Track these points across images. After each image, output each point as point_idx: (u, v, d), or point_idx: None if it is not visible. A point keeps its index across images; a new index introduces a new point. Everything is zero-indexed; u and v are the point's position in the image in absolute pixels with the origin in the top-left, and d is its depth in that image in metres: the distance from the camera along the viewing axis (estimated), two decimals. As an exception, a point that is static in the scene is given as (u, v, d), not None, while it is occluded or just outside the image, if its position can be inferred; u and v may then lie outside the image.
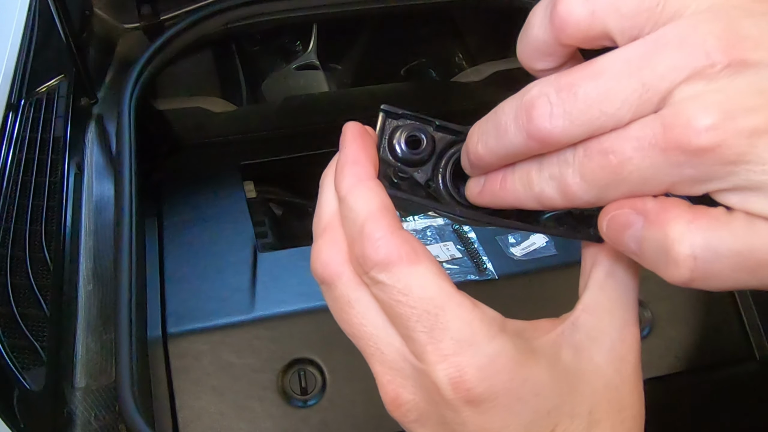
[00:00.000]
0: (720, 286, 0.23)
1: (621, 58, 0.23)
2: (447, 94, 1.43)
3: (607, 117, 0.22)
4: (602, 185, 0.23)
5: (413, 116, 0.31)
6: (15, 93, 0.92)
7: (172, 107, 1.26)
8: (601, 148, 0.23)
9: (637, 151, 0.22)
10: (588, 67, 0.23)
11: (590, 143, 0.23)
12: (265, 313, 0.87)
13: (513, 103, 0.25)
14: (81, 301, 0.75)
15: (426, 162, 0.31)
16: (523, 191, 0.26)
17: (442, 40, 1.70)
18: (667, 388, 0.92)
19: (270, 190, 1.22)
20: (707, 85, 0.21)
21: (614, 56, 0.23)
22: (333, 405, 0.83)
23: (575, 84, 0.23)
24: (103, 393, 0.69)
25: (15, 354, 0.66)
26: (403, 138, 0.30)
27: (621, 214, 0.24)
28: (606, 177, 0.23)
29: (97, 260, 0.79)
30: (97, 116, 0.97)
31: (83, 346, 0.72)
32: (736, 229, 0.22)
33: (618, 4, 0.23)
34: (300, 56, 1.57)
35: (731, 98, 0.21)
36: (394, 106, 0.31)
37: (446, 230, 1.00)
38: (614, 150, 0.22)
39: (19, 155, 0.85)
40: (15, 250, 0.75)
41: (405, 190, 0.31)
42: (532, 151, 0.24)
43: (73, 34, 0.91)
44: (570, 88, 0.23)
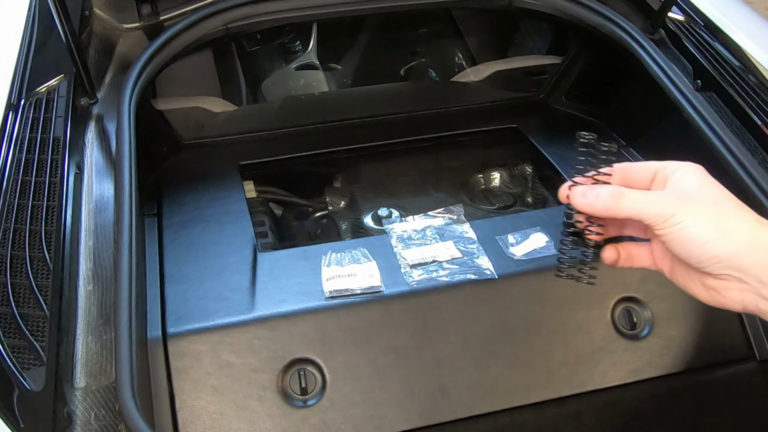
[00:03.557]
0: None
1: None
2: (447, 94, 1.43)
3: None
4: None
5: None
6: (15, 93, 0.92)
7: (172, 107, 1.26)
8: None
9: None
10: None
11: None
12: (265, 313, 0.87)
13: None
14: (81, 301, 0.75)
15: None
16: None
17: (442, 40, 1.70)
18: (667, 388, 0.92)
19: (270, 190, 1.22)
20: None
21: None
22: (333, 405, 0.83)
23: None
24: (103, 393, 0.69)
25: (15, 354, 0.66)
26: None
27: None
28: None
29: (97, 260, 0.79)
30: (97, 116, 0.97)
31: (83, 346, 0.72)
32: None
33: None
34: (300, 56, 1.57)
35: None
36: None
37: (446, 230, 1.00)
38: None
39: (19, 155, 0.85)
40: (15, 250, 0.75)
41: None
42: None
43: (73, 34, 0.90)
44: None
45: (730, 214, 0.51)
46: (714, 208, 0.51)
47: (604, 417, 0.90)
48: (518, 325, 0.90)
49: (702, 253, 0.51)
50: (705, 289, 0.54)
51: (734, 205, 0.52)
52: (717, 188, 0.53)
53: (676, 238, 0.51)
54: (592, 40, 1.25)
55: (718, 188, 0.53)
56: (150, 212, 1.05)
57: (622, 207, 0.53)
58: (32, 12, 1.04)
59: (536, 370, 0.89)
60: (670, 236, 0.52)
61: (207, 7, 1.12)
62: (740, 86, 1.01)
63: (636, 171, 0.56)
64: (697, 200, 0.52)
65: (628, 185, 0.55)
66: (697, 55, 1.09)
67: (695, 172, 0.54)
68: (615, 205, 0.53)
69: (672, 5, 1.14)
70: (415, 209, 1.12)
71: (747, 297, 0.51)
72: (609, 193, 0.54)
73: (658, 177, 0.55)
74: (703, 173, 0.54)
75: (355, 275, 0.91)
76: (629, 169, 0.56)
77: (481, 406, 0.87)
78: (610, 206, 0.53)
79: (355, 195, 1.21)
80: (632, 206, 0.53)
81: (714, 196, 0.52)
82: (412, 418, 0.85)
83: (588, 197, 0.55)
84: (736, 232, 0.50)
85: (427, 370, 0.87)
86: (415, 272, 0.92)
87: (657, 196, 0.53)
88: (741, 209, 0.52)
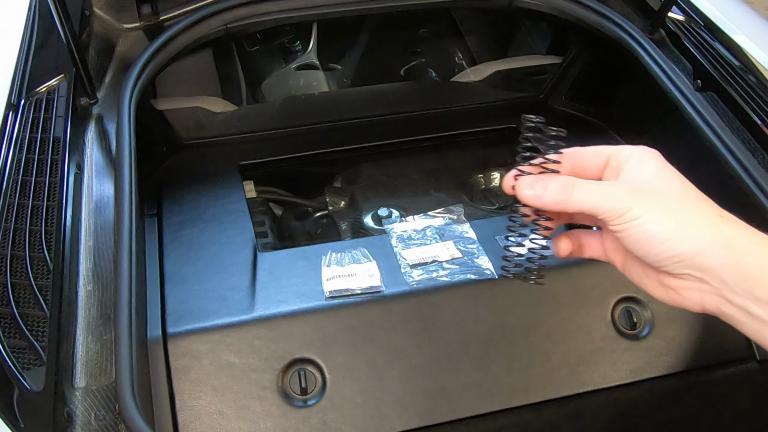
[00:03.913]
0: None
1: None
2: (447, 94, 1.43)
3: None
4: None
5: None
6: (15, 93, 0.92)
7: (172, 107, 1.26)
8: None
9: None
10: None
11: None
12: (265, 313, 0.87)
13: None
14: (81, 301, 0.75)
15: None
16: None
17: (442, 40, 1.70)
18: (667, 388, 0.92)
19: (270, 190, 1.22)
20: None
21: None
22: (333, 405, 0.83)
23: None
24: (103, 393, 0.69)
25: (15, 354, 0.66)
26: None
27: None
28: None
29: (97, 260, 0.79)
30: (97, 116, 0.97)
31: (83, 346, 0.72)
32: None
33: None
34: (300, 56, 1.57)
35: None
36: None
37: (446, 230, 1.00)
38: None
39: (19, 155, 0.85)
40: (15, 250, 0.75)
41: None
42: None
43: (73, 34, 0.90)
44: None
45: (691, 209, 0.47)
46: (674, 201, 0.47)
47: (604, 417, 0.90)
48: (518, 325, 0.90)
49: (661, 252, 0.47)
50: (662, 288, 0.50)
51: (696, 198, 0.48)
52: (676, 177, 0.49)
53: (633, 234, 0.47)
54: (592, 40, 1.25)
55: (678, 177, 0.49)
56: (150, 212, 1.05)
57: (573, 200, 0.48)
58: (32, 12, 1.04)
59: (536, 370, 0.89)
60: (625, 233, 0.47)
61: (207, 7, 1.12)
62: (740, 86, 1.01)
63: (587, 157, 0.51)
64: (654, 192, 0.47)
65: (579, 173, 0.51)
66: (697, 55, 1.09)
67: (652, 159, 0.49)
68: (566, 198, 0.48)
69: (672, 5, 1.14)
70: (415, 209, 1.12)
71: (707, 298, 0.47)
72: (559, 184, 0.49)
73: (611, 164, 0.50)
74: (660, 160, 0.49)
75: (355, 275, 0.91)
76: (580, 156, 0.51)
77: (481, 406, 0.87)
78: (560, 199, 0.49)
79: (355, 195, 1.21)
80: (585, 199, 0.48)
81: (674, 187, 0.48)
82: (412, 418, 0.85)
83: (536, 189, 0.50)
84: (699, 229, 0.46)
85: (427, 370, 0.87)
86: (415, 272, 0.92)
87: (612, 187, 0.48)
88: (703, 202, 0.48)
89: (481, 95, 1.42)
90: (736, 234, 0.46)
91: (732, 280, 0.45)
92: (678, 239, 0.46)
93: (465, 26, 1.69)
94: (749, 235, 0.46)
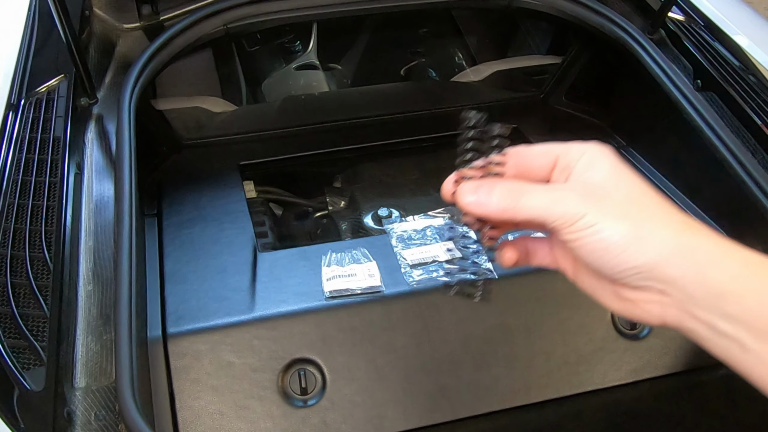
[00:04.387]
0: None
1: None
2: (447, 94, 1.43)
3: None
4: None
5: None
6: (15, 93, 0.92)
7: (172, 107, 1.26)
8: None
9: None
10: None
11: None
12: (265, 313, 0.87)
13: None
14: (81, 301, 0.75)
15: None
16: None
17: (442, 40, 1.70)
18: (667, 388, 0.92)
19: (270, 190, 1.22)
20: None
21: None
22: (333, 405, 0.83)
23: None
24: (103, 393, 0.69)
25: (15, 354, 0.66)
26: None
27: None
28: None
29: (97, 260, 0.79)
30: (97, 116, 0.97)
31: (83, 346, 0.72)
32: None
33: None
34: (300, 56, 1.57)
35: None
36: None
37: (446, 230, 1.00)
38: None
39: (19, 155, 0.85)
40: (15, 250, 0.75)
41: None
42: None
43: (73, 34, 0.90)
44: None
45: (651, 214, 0.42)
46: (631, 206, 0.42)
47: (604, 417, 0.90)
48: (518, 325, 0.90)
49: (618, 263, 0.42)
50: (618, 300, 0.46)
51: (656, 202, 0.43)
52: (632, 178, 0.44)
53: (587, 244, 0.42)
54: (592, 40, 1.25)
55: (634, 178, 0.44)
56: (150, 212, 1.05)
57: (521, 207, 0.44)
58: (32, 12, 1.04)
59: (536, 370, 0.89)
60: (579, 242, 0.42)
61: (207, 7, 1.12)
62: (740, 86, 1.01)
63: (534, 157, 0.46)
64: (609, 196, 0.42)
65: (525, 176, 0.46)
66: (697, 55, 1.09)
67: (604, 158, 0.44)
68: (513, 204, 0.44)
69: (672, 5, 1.14)
70: (415, 209, 1.12)
71: (669, 312, 0.43)
72: (505, 189, 0.44)
73: (560, 164, 0.45)
74: (614, 158, 0.44)
75: (355, 275, 0.91)
76: (525, 155, 0.46)
77: (481, 406, 0.87)
78: (506, 206, 0.44)
79: (355, 195, 1.21)
80: (534, 206, 0.43)
81: (630, 190, 0.43)
82: (412, 418, 0.85)
83: (479, 195, 0.45)
84: (659, 237, 0.41)
85: (427, 370, 0.87)
86: (415, 272, 0.92)
87: (563, 191, 0.43)
88: (663, 206, 0.43)
89: (481, 95, 1.42)
90: (702, 242, 0.41)
91: (698, 294, 0.41)
92: (637, 249, 0.41)
93: (465, 26, 1.69)
94: (716, 244, 0.42)
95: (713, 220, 1.01)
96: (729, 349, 0.41)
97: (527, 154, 0.46)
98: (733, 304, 0.40)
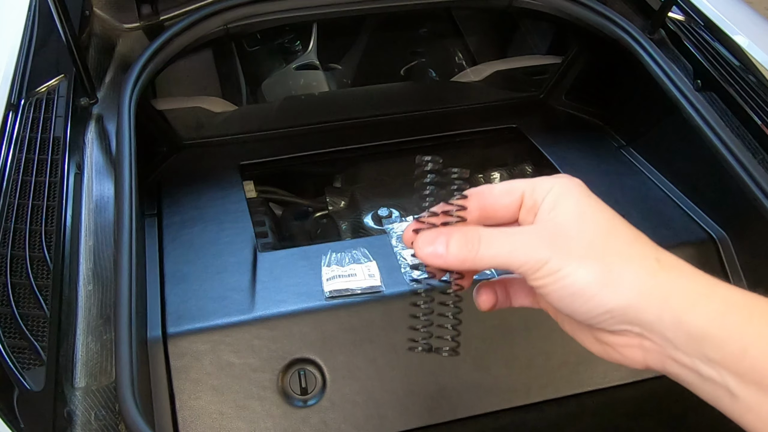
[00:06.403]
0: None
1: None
2: (447, 94, 1.43)
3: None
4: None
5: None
6: (15, 93, 0.92)
7: (172, 107, 1.26)
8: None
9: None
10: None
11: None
12: (265, 313, 0.87)
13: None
14: (81, 301, 0.75)
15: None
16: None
17: (442, 40, 1.70)
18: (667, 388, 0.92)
19: (270, 190, 1.22)
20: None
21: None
22: (333, 405, 0.83)
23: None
24: (103, 393, 0.69)
25: (15, 354, 0.66)
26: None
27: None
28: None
29: (97, 260, 0.79)
30: (97, 116, 0.97)
31: (83, 346, 0.72)
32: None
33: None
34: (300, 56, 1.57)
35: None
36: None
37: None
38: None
39: (19, 155, 0.85)
40: (15, 250, 0.75)
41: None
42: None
43: (73, 34, 0.90)
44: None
45: (621, 253, 0.39)
46: (600, 246, 0.39)
47: (604, 417, 0.90)
48: (518, 325, 0.90)
49: (589, 310, 0.39)
50: (598, 344, 0.43)
51: (626, 238, 0.40)
52: (601, 213, 0.41)
53: (555, 291, 0.39)
54: (592, 40, 1.25)
55: (603, 213, 0.41)
56: (150, 212, 1.05)
57: (481, 258, 0.41)
58: (32, 12, 1.04)
59: (536, 370, 0.89)
60: (545, 289, 0.40)
61: (207, 7, 1.12)
62: (740, 86, 1.01)
63: (497, 197, 0.43)
64: (575, 237, 0.39)
65: (490, 217, 0.43)
66: (697, 55, 1.09)
67: (571, 195, 0.41)
68: (472, 254, 0.41)
69: (672, 5, 1.14)
70: (415, 209, 1.12)
71: (651, 357, 0.40)
72: (462, 240, 0.41)
73: (526, 203, 0.42)
74: (581, 193, 0.41)
75: (355, 275, 0.91)
76: (488, 196, 0.43)
77: (481, 406, 0.87)
78: (465, 257, 0.41)
79: (355, 195, 1.21)
80: (494, 254, 0.41)
81: (599, 228, 0.40)
82: (412, 418, 0.85)
83: (436, 246, 0.42)
84: (631, 278, 0.38)
85: (427, 370, 0.87)
86: (415, 272, 0.92)
87: (524, 235, 0.41)
88: (635, 243, 0.40)
89: (481, 95, 1.42)
90: (677, 282, 0.38)
91: (676, 338, 0.38)
92: (607, 293, 0.38)
93: (465, 26, 1.69)
94: (692, 283, 0.39)
95: (713, 220, 1.01)
96: (716, 394, 0.39)
97: (490, 195, 0.43)
98: (714, 349, 0.37)
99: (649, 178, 1.13)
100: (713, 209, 1.02)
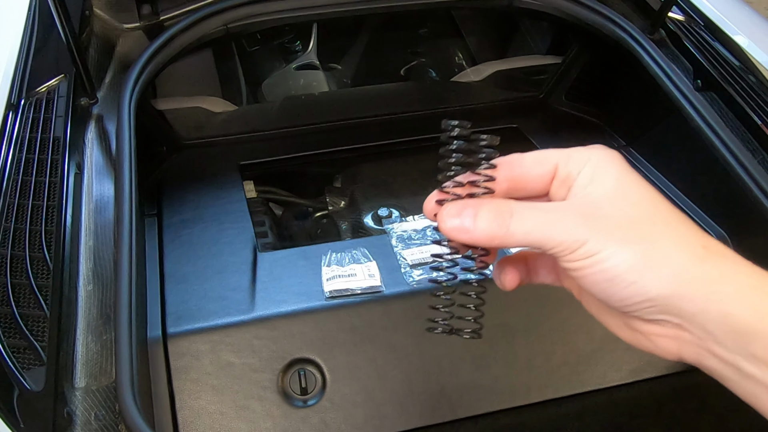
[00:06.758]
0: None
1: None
2: (447, 94, 1.43)
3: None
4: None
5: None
6: (15, 93, 0.92)
7: (172, 107, 1.26)
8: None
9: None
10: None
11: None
12: (265, 313, 0.87)
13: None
14: (81, 301, 0.75)
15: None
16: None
17: (442, 40, 1.70)
18: (667, 388, 0.92)
19: (270, 190, 1.22)
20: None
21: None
22: (333, 405, 0.83)
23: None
24: (103, 393, 0.69)
25: (15, 354, 0.66)
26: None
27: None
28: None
29: (97, 260, 0.79)
30: (97, 116, 0.97)
31: (83, 346, 0.72)
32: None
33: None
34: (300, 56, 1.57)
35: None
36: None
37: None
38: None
39: (19, 155, 0.85)
40: (15, 250, 0.75)
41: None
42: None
43: (73, 34, 0.90)
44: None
45: (665, 237, 0.36)
46: (642, 227, 0.36)
47: (604, 417, 0.90)
48: (518, 325, 0.90)
49: (627, 297, 0.36)
50: (628, 330, 0.40)
51: (671, 220, 0.36)
52: (643, 191, 0.37)
53: (591, 275, 0.36)
54: (592, 40, 1.25)
55: (645, 191, 0.37)
56: (150, 212, 1.05)
57: (512, 234, 0.37)
58: (32, 12, 1.04)
59: (536, 370, 0.89)
60: (580, 272, 0.37)
61: (207, 7, 1.12)
62: (740, 86, 1.01)
63: (528, 167, 0.39)
64: (615, 217, 0.36)
65: (519, 189, 0.40)
66: (697, 55, 1.09)
67: (610, 168, 0.37)
68: (502, 231, 0.37)
69: (672, 5, 1.14)
70: (415, 209, 1.12)
71: (687, 348, 0.38)
72: (492, 214, 0.38)
73: (560, 175, 0.39)
74: (621, 168, 0.37)
75: (355, 275, 0.91)
76: (518, 165, 0.40)
77: (481, 406, 0.87)
78: (494, 233, 0.38)
79: (355, 195, 1.21)
80: (526, 232, 0.37)
81: (641, 208, 0.36)
82: (412, 418, 0.85)
83: (463, 220, 0.38)
84: (675, 266, 0.35)
85: (427, 370, 0.87)
86: (415, 272, 0.92)
87: (560, 213, 0.37)
88: (681, 226, 0.36)
89: (481, 95, 1.42)
90: (725, 272, 0.35)
91: (719, 331, 0.35)
92: (649, 280, 0.35)
93: (465, 26, 1.69)
94: (741, 274, 0.35)
95: (713, 220, 1.01)
96: (756, 393, 0.37)
97: (521, 164, 0.40)
98: (761, 346, 0.35)
99: (649, 178, 1.13)
100: (713, 209, 1.02)
